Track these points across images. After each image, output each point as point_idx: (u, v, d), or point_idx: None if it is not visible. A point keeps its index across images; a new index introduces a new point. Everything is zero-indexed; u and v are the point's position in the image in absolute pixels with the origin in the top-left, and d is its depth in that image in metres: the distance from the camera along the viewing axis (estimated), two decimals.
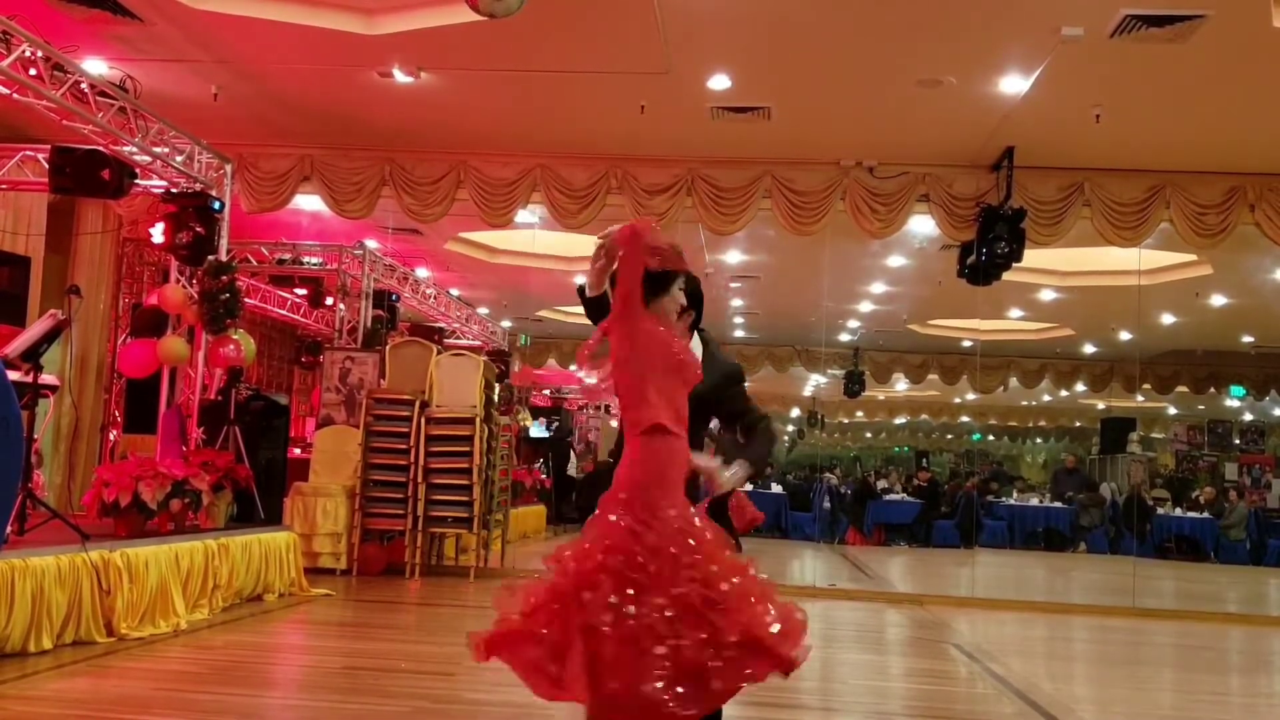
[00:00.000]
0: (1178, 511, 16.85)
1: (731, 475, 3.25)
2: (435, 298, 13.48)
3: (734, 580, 2.97)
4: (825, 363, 16.21)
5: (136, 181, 7.33)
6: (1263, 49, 6.57)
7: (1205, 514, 16.39)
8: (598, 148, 9.13)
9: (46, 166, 7.07)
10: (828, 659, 6.25)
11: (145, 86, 7.61)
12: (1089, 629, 8.58)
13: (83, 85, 6.64)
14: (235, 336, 7.88)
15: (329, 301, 11.98)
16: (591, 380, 3.27)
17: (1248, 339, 15.53)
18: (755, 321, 15.65)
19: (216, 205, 7.82)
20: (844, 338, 16.06)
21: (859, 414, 23.35)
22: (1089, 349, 16.67)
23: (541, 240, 11.67)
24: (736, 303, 14.50)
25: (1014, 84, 7.36)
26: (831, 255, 11.04)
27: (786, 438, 23.32)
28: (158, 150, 7.44)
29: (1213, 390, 17.01)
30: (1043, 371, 17.01)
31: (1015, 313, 14.58)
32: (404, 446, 9.00)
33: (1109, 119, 7.76)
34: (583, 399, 22.31)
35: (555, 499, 16.17)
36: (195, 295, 7.74)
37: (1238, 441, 19.57)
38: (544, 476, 16.53)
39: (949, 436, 24.74)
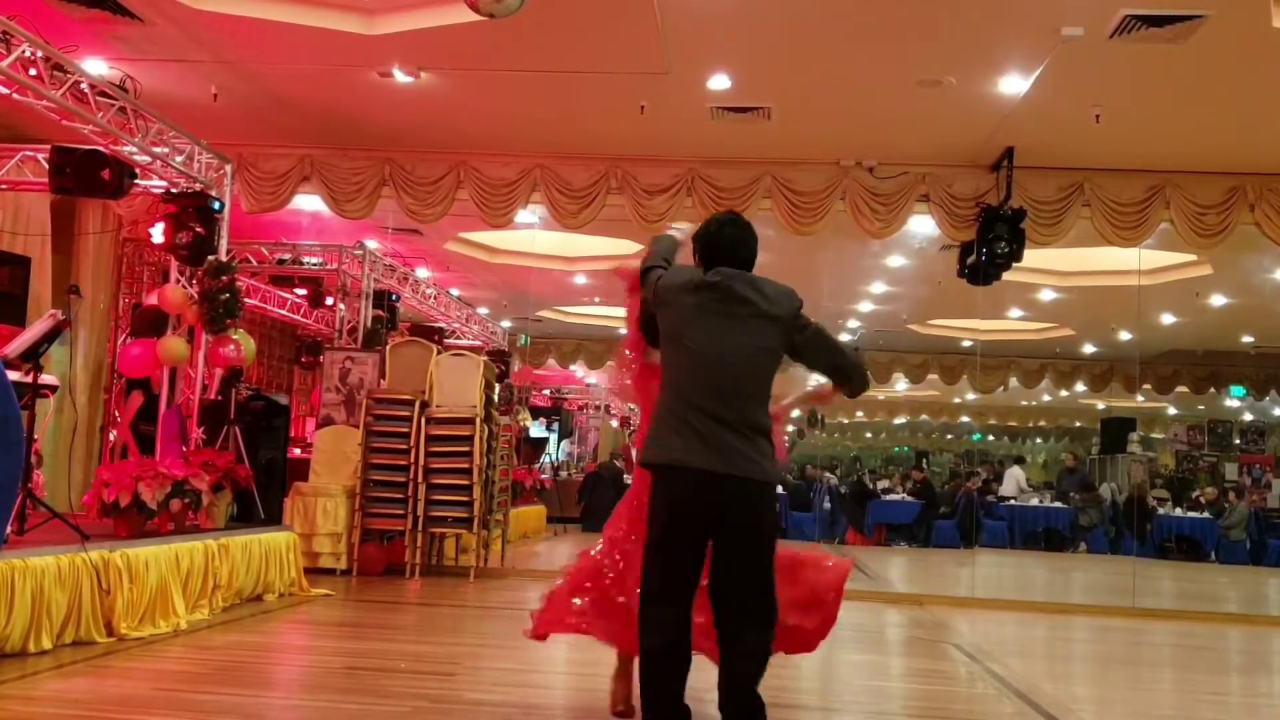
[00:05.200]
0: (1178, 511, 16.85)
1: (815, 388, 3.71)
2: (435, 298, 13.48)
3: None
4: None
5: (136, 181, 7.32)
6: (1263, 49, 6.57)
7: (1205, 514, 16.38)
8: (598, 148, 9.13)
9: (46, 166, 7.07)
10: (827, 659, 6.25)
11: (145, 86, 7.62)
12: (1089, 629, 8.58)
13: (83, 85, 6.63)
14: (235, 336, 7.88)
15: (329, 301, 11.98)
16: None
17: (1248, 339, 15.53)
18: None
19: (216, 205, 7.82)
20: (844, 338, 16.05)
21: (859, 414, 23.36)
22: (1089, 349, 16.66)
23: (541, 240, 11.67)
24: None
25: (1014, 84, 7.37)
26: (831, 255, 11.05)
27: (786, 438, 23.32)
28: (158, 150, 7.44)
29: (1213, 390, 17.01)
30: (1043, 371, 17.01)
31: (1015, 313, 14.57)
32: (404, 446, 8.99)
33: (1109, 119, 7.76)
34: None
35: None
36: (195, 295, 7.74)
37: (1238, 441, 19.58)
38: (544, 478, 16.53)
39: (949, 436, 24.75)
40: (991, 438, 24.20)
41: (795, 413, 21.95)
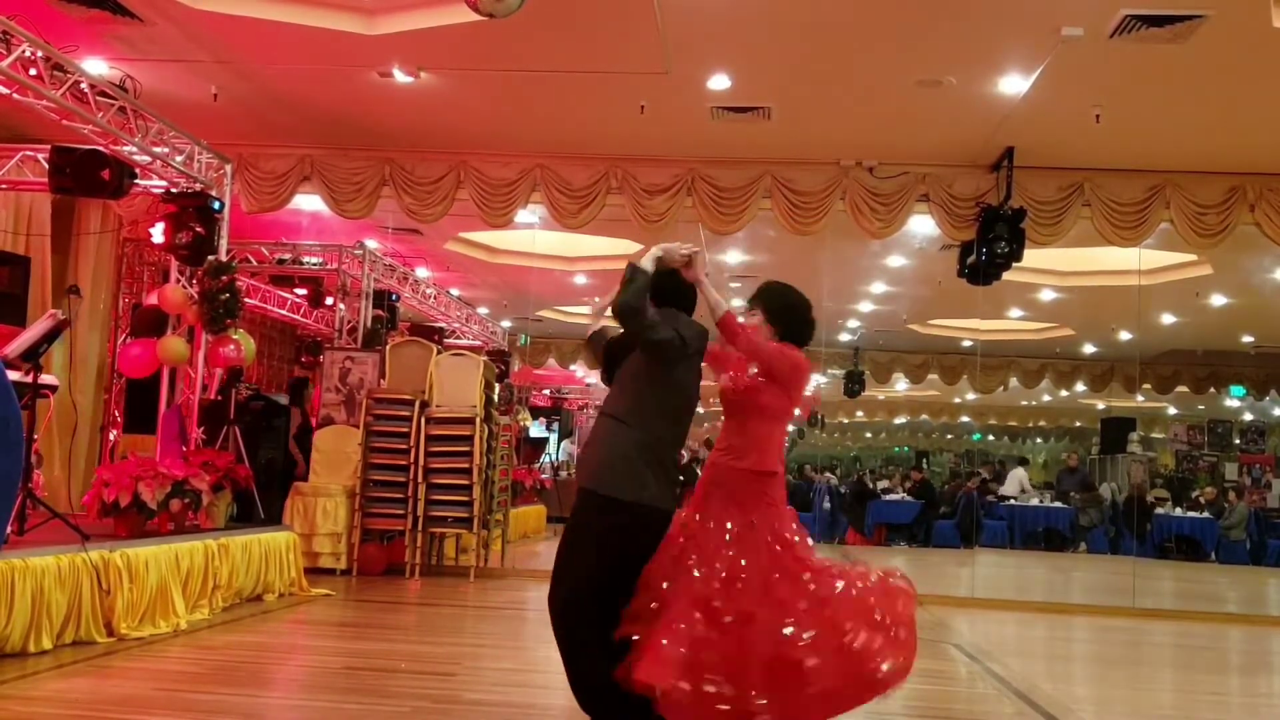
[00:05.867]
0: (1178, 511, 16.83)
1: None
2: (435, 298, 13.48)
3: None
4: (825, 363, 16.20)
5: (136, 181, 7.33)
6: (1263, 49, 6.57)
7: (1205, 514, 16.38)
8: (598, 148, 9.13)
9: (46, 166, 7.08)
10: None
11: (145, 86, 7.62)
12: (1089, 629, 8.58)
13: (83, 85, 6.64)
14: (235, 336, 7.89)
15: (329, 301, 11.98)
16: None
17: (1248, 339, 15.53)
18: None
19: (216, 205, 7.82)
20: (844, 338, 16.06)
21: (859, 414, 23.34)
22: (1089, 349, 16.66)
23: (541, 240, 11.67)
24: (737, 303, 14.39)
25: (1014, 84, 7.36)
26: (831, 255, 11.04)
27: (786, 438, 23.32)
28: (158, 150, 7.44)
29: (1213, 390, 17.01)
30: (1043, 371, 17.01)
31: (1015, 313, 14.58)
32: (404, 446, 9.00)
33: (1109, 119, 7.76)
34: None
35: None
36: (195, 295, 7.75)
37: (1238, 441, 19.56)
38: (544, 478, 16.52)
39: (949, 436, 24.71)
40: (992, 438, 24.18)
41: (795, 411, 21.99)
